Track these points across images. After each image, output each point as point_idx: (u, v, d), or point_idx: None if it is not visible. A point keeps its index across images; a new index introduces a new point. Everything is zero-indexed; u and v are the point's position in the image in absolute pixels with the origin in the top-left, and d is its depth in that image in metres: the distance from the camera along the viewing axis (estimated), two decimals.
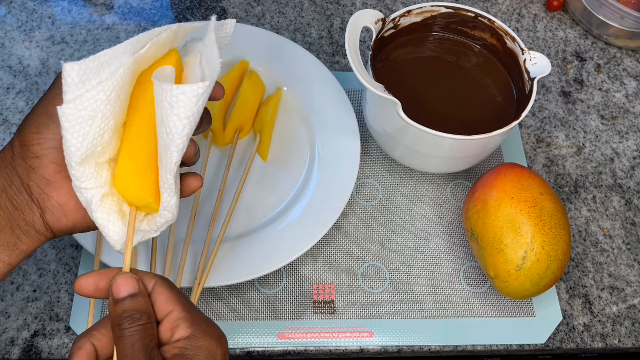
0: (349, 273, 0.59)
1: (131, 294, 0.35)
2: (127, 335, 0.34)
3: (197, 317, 0.36)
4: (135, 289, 0.35)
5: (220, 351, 0.35)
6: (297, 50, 0.67)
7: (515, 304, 0.58)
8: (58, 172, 0.39)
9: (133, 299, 0.35)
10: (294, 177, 0.62)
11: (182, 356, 0.34)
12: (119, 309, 0.35)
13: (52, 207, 0.39)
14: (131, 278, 0.36)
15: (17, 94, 0.67)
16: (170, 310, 0.36)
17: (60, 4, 0.75)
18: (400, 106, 0.52)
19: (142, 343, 0.34)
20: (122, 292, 0.35)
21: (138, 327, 0.34)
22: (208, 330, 0.35)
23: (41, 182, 0.39)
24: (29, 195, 0.39)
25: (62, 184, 0.39)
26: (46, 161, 0.39)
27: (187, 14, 0.75)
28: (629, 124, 0.71)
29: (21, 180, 0.39)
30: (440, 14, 0.61)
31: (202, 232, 0.57)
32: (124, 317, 0.34)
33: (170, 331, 0.35)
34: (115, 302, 0.35)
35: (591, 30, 0.77)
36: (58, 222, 0.39)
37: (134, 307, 0.35)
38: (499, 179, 0.54)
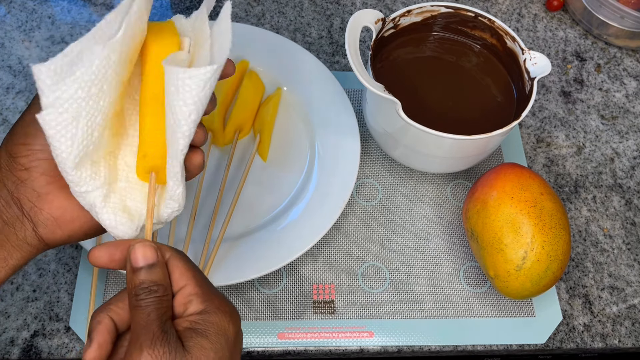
0: (349, 273, 0.59)
1: (150, 264, 0.34)
2: (143, 306, 0.34)
3: (210, 292, 0.36)
4: (154, 259, 0.35)
5: (232, 328, 0.35)
6: (297, 50, 0.67)
7: (515, 304, 0.58)
8: (49, 184, 0.37)
9: (151, 270, 0.34)
10: (294, 177, 0.62)
11: (193, 330, 0.34)
12: (137, 279, 0.34)
13: (46, 220, 0.37)
14: (150, 247, 0.35)
15: (17, 94, 0.67)
16: (184, 284, 0.35)
17: (60, 3, 0.75)
18: (400, 106, 0.52)
19: (157, 314, 0.33)
20: (140, 262, 0.34)
21: (154, 298, 0.34)
22: (220, 306, 0.35)
23: (32, 195, 0.37)
24: (19, 209, 0.37)
25: (54, 195, 0.37)
26: (36, 173, 0.37)
27: (186, 14, 0.75)
28: (629, 124, 0.71)
29: (10, 194, 0.37)
30: (440, 14, 0.61)
31: (202, 232, 0.57)
32: (142, 287, 0.34)
33: (183, 305, 0.35)
34: (134, 271, 0.34)
35: (591, 30, 0.77)
36: (52, 235, 0.38)
37: (151, 279, 0.34)
38: (499, 179, 0.54)
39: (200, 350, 0.33)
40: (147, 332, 0.33)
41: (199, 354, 0.33)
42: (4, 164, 0.37)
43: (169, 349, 0.32)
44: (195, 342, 0.33)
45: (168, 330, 0.33)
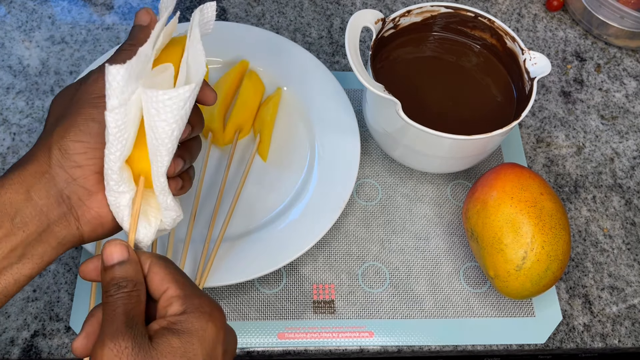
0: (349, 273, 0.59)
1: (120, 261, 0.35)
2: (110, 302, 0.34)
3: (191, 294, 0.36)
4: (124, 256, 0.36)
5: (212, 326, 0.35)
6: (297, 50, 0.67)
7: (515, 304, 0.58)
8: (99, 183, 0.38)
9: (122, 266, 0.35)
10: (294, 177, 0.62)
11: (167, 329, 0.34)
12: (108, 276, 0.35)
13: (92, 218, 0.38)
14: (120, 245, 0.36)
15: (17, 94, 0.67)
16: (165, 288, 0.36)
17: (60, 4, 0.75)
18: (400, 106, 0.52)
19: (124, 308, 0.34)
20: (112, 259, 0.35)
21: (122, 294, 0.34)
22: (199, 306, 0.35)
23: (82, 193, 0.37)
24: (67, 207, 0.37)
25: (103, 194, 0.38)
26: (88, 171, 0.37)
27: (187, 14, 0.75)
28: (629, 124, 0.71)
29: (60, 192, 0.37)
30: (440, 14, 0.61)
31: (202, 232, 0.57)
32: (112, 284, 0.35)
33: (164, 309, 0.35)
34: (105, 269, 0.35)
35: (591, 30, 0.77)
36: (93, 233, 0.39)
37: (121, 275, 0.35)
38: (499, 179, 0.54)
39: (167, 348, 0.33)
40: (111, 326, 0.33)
41: (165, 351, 0.33)
42: (55, 161, 0.37)
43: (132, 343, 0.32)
44: (164, 339, 0.33)
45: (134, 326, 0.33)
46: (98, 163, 0.37)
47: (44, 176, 0.37)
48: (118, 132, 0.35)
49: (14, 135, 0.64)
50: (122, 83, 0.34)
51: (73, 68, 0.69)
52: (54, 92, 0.67)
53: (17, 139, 0.64)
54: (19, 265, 0.36)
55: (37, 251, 0.37)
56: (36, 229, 0.36)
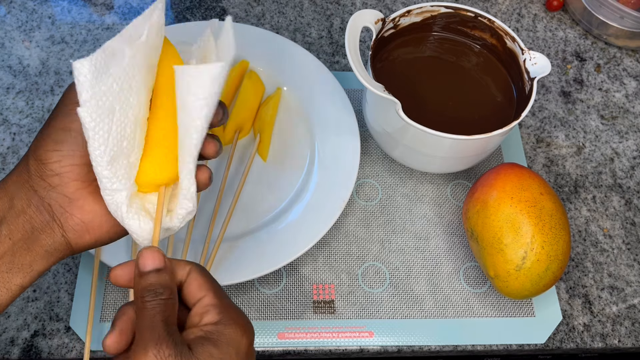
0: (349, 273, 0.59)
1: (157, 269, 0.35)
2: (148, 308, 0.34)
3: (227, 304, 0.36)
4: (161, 263, 0.35)
5: (245, 341, 0.35)
6: (297, 50, 0.67)
7: (515, 304, 0.58)
8: (80, 189, 0.38)
9: (158, 274, 0.35)
10: (294, 177, 0.62)
11: (205, 339, 0.34)
12: (144, 282, 0.35)
13: (76, 225, 0.38)
14: (158, 252, 0.35)
15: (17, 94, 0.67)
16: (202, 296, 0.36)
17: (60, 4, 0.75)
18: (400, 106, 0.52)
19: (163, 316, 0.34)
20: (148, 266, 0.35)
21: (160, 300, 0.34)
22: (236, 319, 0.35)
23: (63, 200, 0.38)
24: (50, 215, 0.38)
25: (84, 201, 0.38)
26: (67, 179, 0.37)
27: (187, 14, 0.75)
28: (629, 124, 0.71)
29: (41, 200, 0.38)
30: (440, 14, 0.61)
31: (202, 232, 0.57)
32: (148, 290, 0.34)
33: (199, 316, 0.35)
34: (141, 275, 0.35)
35: (591, 30, 0.77)
36: (80, 240, 0.39)
37: (158, 282, 0.35)
38: (499, 179, 0.54)
39: (207, 356, 0.33)
40: (153, 333, 0.33)
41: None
42: (34, 171, 0.38)
43: (174, 351, 0.32)
44: (204, 349, 0.33)
45: (173, 334, 0.33)
46: (75, 170, 0.37)
47: (24, 185, 0.38)
48: (96, 126, 0.35)
49: (14, 135, 0.64)
50: (89, 76, 0.34)
51: None
52: (54, 92, 0.67)
53: (17, 139, 0.64)
54: (10, 275, 0.37)
55: (26, 260, 0.37)
56: (22, 237, 0.37)
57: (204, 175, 0.41)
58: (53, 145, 0.37)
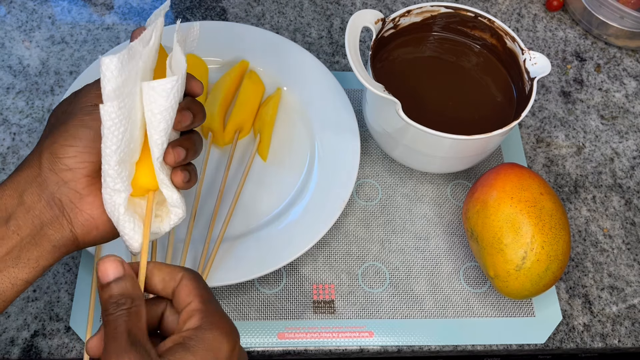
0: (349, 273, 0.59)
1: (116, 278, 0.35)
2: (111, 320, 0.34)
3: (212, 309, 0.36)
4: (119, 272, 0.35)
5: (226, 346, 0.35)
6: (297, 50, 0.67)
7: (515, 304, 0.58)
8: (90, 185, 0.38)
9: (118, 283, 0.35)
10: (294, 177, 0.62)
11: (181, 345, 0.34)
12: (106, 294, 0.35)
13: (85, 221, 0.38)
14: (115, 261, 0.35)
15: (17, 94, 0.67)
16: (189, 301, 0.36)
17: (60, 4, 0.75)
18: (400, 106, 0.52)
19: (126, 326, 0.33)
20: (107, 277, 0.35)
21: (122, 311, 0.34)
22: (217, 323, 0.35)
23: (74, 196, 0.38)
24: (60, 210, 0.38)
25: (95, 196, 0.38)
26: (79, 174, 0.38)
27: (187, 14, 0.75)
28: (629, 124, 0.71)
29: (52, 195, 0.38)
30: (440, 14, 0.61)
31: (202, 232, 0.57)
32: (110, 302, 0.34)
33: (183, 322, 0.35)
34: (102, 288, 0.35)
35: (591, 30, 0.77)
36: (87, 236, 0.39)
37: (119, 292, 0.34)
38: (499, 179, 0.54)
39: None
40: (115, 345, 0.33)
41: None
42: (46, 165, 0.38)
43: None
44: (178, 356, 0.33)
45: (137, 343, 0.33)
46: (88, 167, 0.38)
47: (35, 180, 0.38)
48: (112, 126, 0.36)
49: (14, 135, 0.64)
50: (115, 73, 0.35)
51: (73, 68, 0.69)
52: (54, 92, 0.67)
53: (17, 139, 0.64)
54: (16, 270, 0.37)
55: (33, 255, 0.37)
56: (30, 232, 0.37)
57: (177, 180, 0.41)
58: (71, 140, 0.38)
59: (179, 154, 0.40)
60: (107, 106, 0.35)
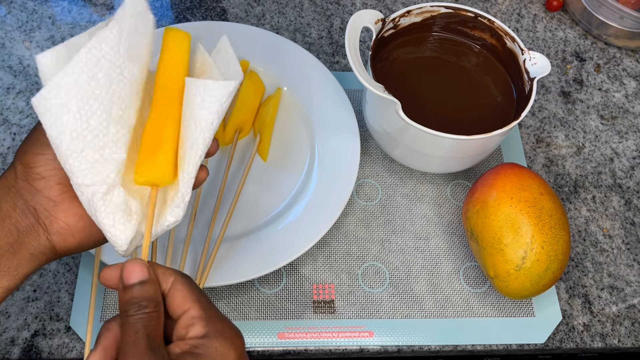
0: (349, 273, 0.59)
1: (140, 281, 0.35)
2: (131, 322, 0.33)
3: (213, 316, 0.35)
4: (144, 275, 0.35)
5: (233, 353, 0.34)
6: (297, 50, 0.67)
7: (515, 304, 0.58)
8: (64, 193, 0.38)
9: (142, 286, 0.35)
10: (294, 177, 0.62)
11: (191, 354, 0.33)
12: (128, 295, 0.34)
13: (60, 228, 0.38)
14: (141, 264, 0.35)
15: (18, 94, 0.67)
16: (187, 308, 0.35)
17: (60, 4, 0.75)
18: (400, 106, 0.52)
19: (146, 330, 0.33)
20: (131, 279, 0.35)
21: (143, 314, 0.34)
22: (222, 331, 0.35)
23: (48, 203, 0.38)
24: (35, 218, 0.38)
25: (69, 204, 0.38)
26: (51, 182, 0.38)
27: (187, 14, 0.75)
28: (629, 124, 0.71)
29: (26, 204, 0.38)
30: (440, 14, 0.61)
31: (202, 232, 0.58)
32: (132, 303, 0.34)
33: (185, 329, 0.35)
34: (125, 289, 0.35)
35: (591, 30, 0.77)
36: (64, 243, 0.39)
37: (141, 295, 0.34)
38: (499, 179, 0.54)
39: None
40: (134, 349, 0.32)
41: None
42: (20, 175, 0.38)
43: None
44: None
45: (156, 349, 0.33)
46: (60, 173, 0.38)
47: (10, 190, 0.38)
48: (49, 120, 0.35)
49: (14, 135, 0.64)
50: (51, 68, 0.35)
51: None
52: None
53: (17, 139, 0.64)
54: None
55: (12, 263, 0.37)
56: (7, 241, 0.37)
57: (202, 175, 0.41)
58: (39, 149, 0.38)
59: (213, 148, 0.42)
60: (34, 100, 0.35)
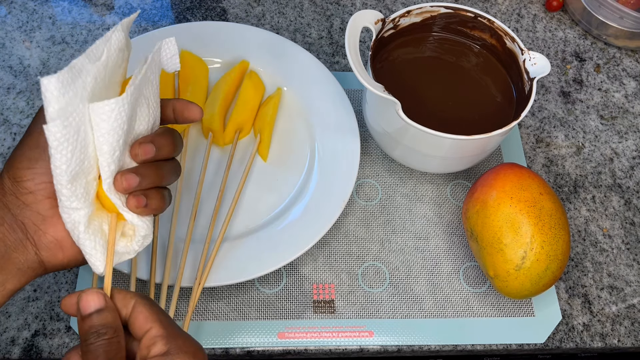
0: (349, 273, 0.59)
1: (98, 309, 0.35)
2: (92, 350, 0.34)
3: (174, 333, 0.36)
4: (101, 304, 0.36)
5: None
6: (297, 50, 0.67)
7: (515, 304, 0.58)
8: (53, 207, 0.38)
9: (99, 315, 0.35)
10: (294, 177, 0.62)
11: None
12: (86, 325, 0.35)
13: (49, 243, 0.38)
14: (97, 293, 0.36)
15: (18, 94, 0.67)
16: (149, 327, 0.36)
17: (60, 4, 0.75)
18: (400, 106, 0.52)
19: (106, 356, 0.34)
20: (89, 308, 0.35)
21: (103, 341, 0.34)
22: (183, 347, 0.35)
23: (36, 218, 0.38)
24: (23, 233, 0.38)
25: (58, 219, 0.38)
26: (40, 196, 0.38)
27: (187, 14, 0.75)
28: (629, 124, 0.71)
29: (15, 218, 0.38)
30: (440, 15, 0.61)
31: (202, 232, 0.58)
32: (90, 333, 0.35)
33: (147, 348, 0.35)
34: (83, 319, 0.35)
35: (591, 30, 0.77)
36: (53, 258, 0.39)
37: (100, 322, 0.35)
38: (499, 179, 0.54)
39: None
40: None
41: None
42: (8, 189, 0.38)
43: None
44: None
45: None
46: (48, 188, 0.37)
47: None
48: (59, 145, 0.35)
49: (14, 135, 0.64)
50: (56, 93, 0.34)
51: None
52: None
53: (17, 139, 0.64)
54: None
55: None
56: None
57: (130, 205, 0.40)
58: (27, 163, 0.37)
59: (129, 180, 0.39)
60: (50, 126, 0.35)
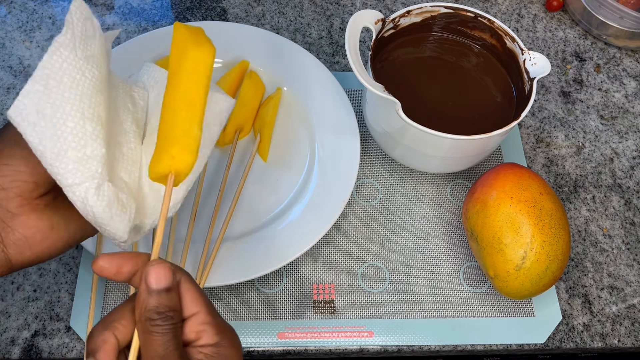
0: (349, 273, 0.59)
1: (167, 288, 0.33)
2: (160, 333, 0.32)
3: (222, 324, 0.35)
4: (171, 282, 0.33)
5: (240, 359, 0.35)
6: (297, 50, 0.67)
7: (515, 304, 0.58)
8: (23, 205, 0.37)
9: (168, 294, 0.33)
10: (294, 177, 0.62)
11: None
12: (153, 301, 0.32)
13: (17, 240, 0.37)
14: (168, 269, 0.33)
15: (18, 95, 0.67)
16: (197, 310, 0.34)
17: (60, 4, 0.75)
18: (400, 106, 0.52)
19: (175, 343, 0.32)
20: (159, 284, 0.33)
21: (171, 326, 0.32)
22: (232, 341, 0.35)
23: (5, 215, 0.37)
24: None
25: (27, 216, 0.37)
26: (12, 194, 0.37)
27: (187, 14, 0.75)
28: (629, 124, 0.71)
29: None
30: (440, 14, 0.61)
31: (202, 232, 0.58)
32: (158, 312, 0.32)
33: (195, 333, 0.34)
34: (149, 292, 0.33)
35: (591, 30, 0.77)
36: (21, 256, 0.38)
37: (168, 304, 0.33)
38: (499, 179, 0.54)
39: None
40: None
41: None
42: None
43: None
44: None
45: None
46: (22, 186, 0.37)
47: None
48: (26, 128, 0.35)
49: None
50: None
51: None
52: None
53: None
54: None
55: None
56: None
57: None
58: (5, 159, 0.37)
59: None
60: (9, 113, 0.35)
